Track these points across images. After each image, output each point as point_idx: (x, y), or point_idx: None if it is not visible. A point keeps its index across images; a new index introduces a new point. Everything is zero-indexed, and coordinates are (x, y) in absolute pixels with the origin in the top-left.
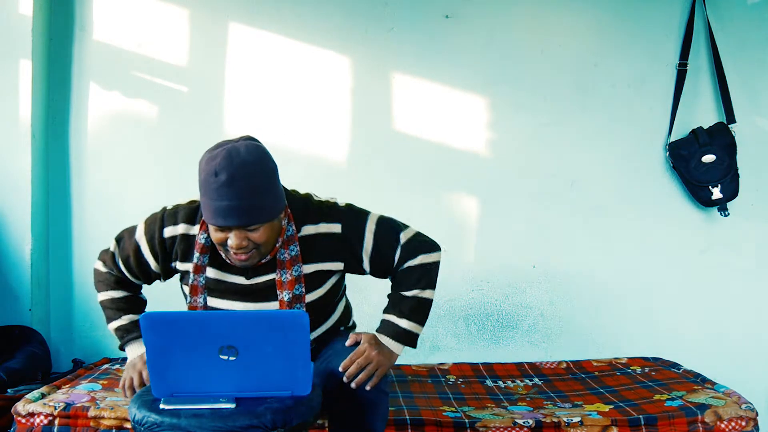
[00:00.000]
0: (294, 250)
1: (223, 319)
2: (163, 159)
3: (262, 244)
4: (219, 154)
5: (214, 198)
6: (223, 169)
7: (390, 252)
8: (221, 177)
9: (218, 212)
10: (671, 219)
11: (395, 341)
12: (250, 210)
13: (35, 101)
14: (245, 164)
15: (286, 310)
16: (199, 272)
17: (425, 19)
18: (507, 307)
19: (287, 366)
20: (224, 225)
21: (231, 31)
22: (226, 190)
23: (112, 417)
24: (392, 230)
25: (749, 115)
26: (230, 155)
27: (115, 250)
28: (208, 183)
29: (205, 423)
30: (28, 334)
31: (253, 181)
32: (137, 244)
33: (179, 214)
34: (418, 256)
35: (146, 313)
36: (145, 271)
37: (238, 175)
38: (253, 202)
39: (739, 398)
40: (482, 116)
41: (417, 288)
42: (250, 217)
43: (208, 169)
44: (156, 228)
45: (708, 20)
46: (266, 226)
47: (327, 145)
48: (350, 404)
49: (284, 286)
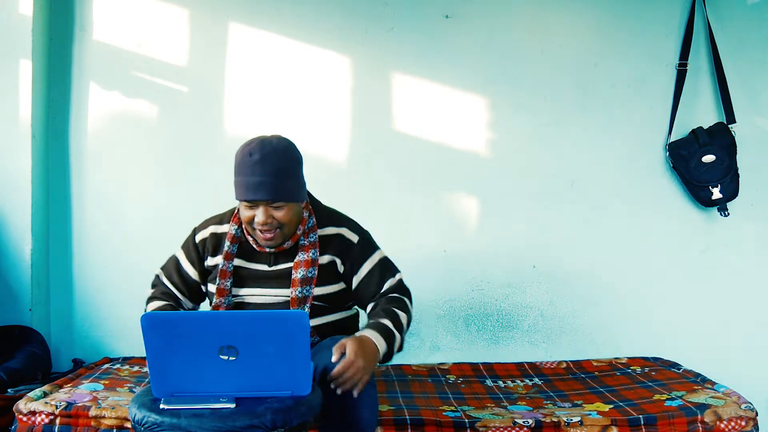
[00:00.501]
0: (313, 237)
1: (224, 319)
2: (163, 159)
3: (286, 224)
4: (254, 141)
5: (247, 174)
6: (257, 151)
7: (380, 281)
8: (255, 156)
9: (249, 186)
10: (671, 219)
11: (382, 338)
12: (277, 187)
13: (35, 101)
14: (276, 149)
15: (287, 311)
16: (229, 259)
17: (425, 19)
18: (507, 307)
19: (287, 366)
20: (254, 199)
21: (231, 31)
22: (259, 167)
23: (113, 417)
24: (389, 269)
25: (749, 115)
26: (263, 141)
27: (160, 273)
28: (244, 162)
29: (205, 423)
30: (28, 334)
31: (281, 163)
32: (176, 258)
33: (208, 222)
34: (406, 295)
35: (146, 313)
36: (187, 282)
37: (269, 156)
38: (280, 181)
39: (738, 398)
40: (482, 116)
41: (402, 311)
42: (276, 193)
43: (243, 152)
44: (190, 239)
45: (708, 20)
46: (288, 207)
47: (327, 145)
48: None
49: (300, 265)
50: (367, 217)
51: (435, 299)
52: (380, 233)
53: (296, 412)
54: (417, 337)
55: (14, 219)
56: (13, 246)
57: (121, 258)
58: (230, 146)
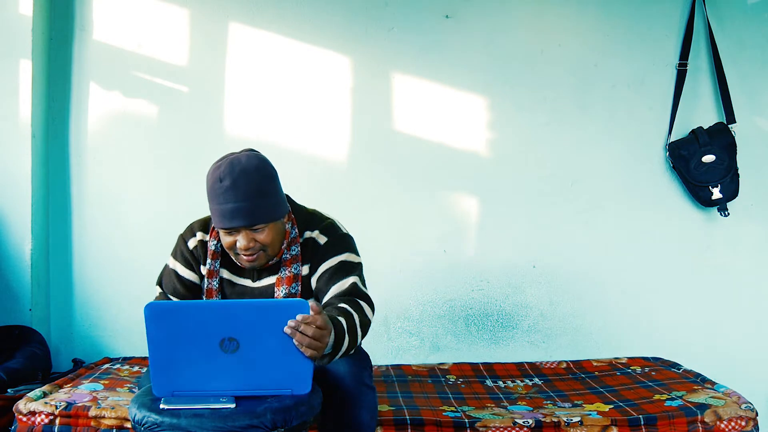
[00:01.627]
0: (295, 250)
1: (226, 307)
2: (163, 159)
3: (269, 245)
4: (223, 164)
5: (220, 202)
6: (227, 175)
7: (329, 280)
8: (225, 182)
9: (225, 214)
10: (671, 219)
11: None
12: (253, 210)
13: (35, 101)
14: (246, 170)
15: (288, 299)
16: (212, 276)
17: (425, 19)
18: (507, 307)
19: (287, 362)
20: (231, 226)
21: (231, 31)
22: (232, 193)
23: (113, 417)
24: (347, 271)
25: (749, 115)
26: (232, 163)
27: (159, 290)
28: (215, 189)
29: (205, 423)
30: (28, 334)
31: (254, 184)
32: (172, 269)
33: (194, 227)
34: (366, 301)
35: (150, 303)
36: (191, 288)
37: (241, 179)
38: (256, 203)
39: (738, 398)
40: (482, 116)
41: (357, 314)
42: (254, 217)
43: (213, 177)
44: (182, 247)
45: (708, 20)
46: (270, 227)
47: (327, 144)
48: (334, 398)
49: (282, 282)
50: (367, 217)
51: (435, 299)
52: (380, 233)
53: (296, 412)
54: (417, 337)
55: (14, 219)
56: (13, 246)
57: (121, 258)
58: (230, 146)
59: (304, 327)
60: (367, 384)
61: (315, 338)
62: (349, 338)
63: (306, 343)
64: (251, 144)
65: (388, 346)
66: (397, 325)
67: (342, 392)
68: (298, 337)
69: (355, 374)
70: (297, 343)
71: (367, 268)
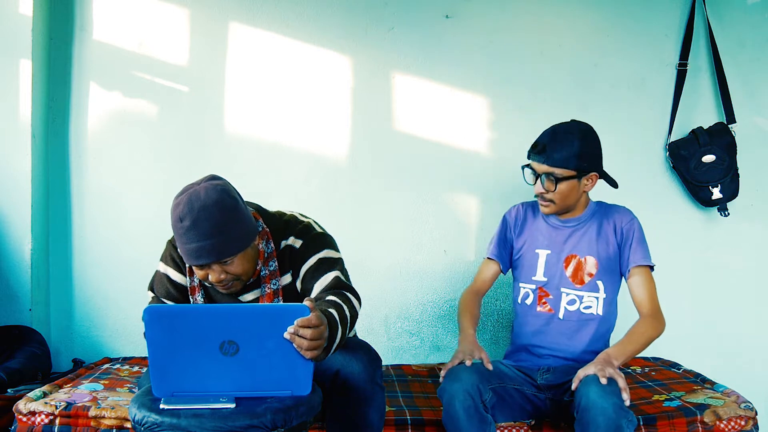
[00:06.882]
0: (272, 265)
1: (226, 312)
2: (164, 159)
3: (242, 274)
4: (182, 201)
5: (184, 241)
6: (186, 215)
7: (313, 276)
8: (186, 222)
9: (191, 253)
10: (671, 219)
11: (341, 321)
12: (218, 246)
13: (35, 101)
14: (206, 206)
15: (288, 304)
16: (194, 293)
17: (425, 19)
18: (507, 307)
19: (287, 364)
20: (198, 264)
21: (231, 31)
22: (194, 233)
23: (113, 417)
24: (330, 266)
25: (749, 115)
26: (191, 200)
27: (151, 296)
28: (177, 229)
29: (205, 423)
30: (28, 334)
31: (214, 220)
32: (164, 273)
33: None
34: (352, 293)
35: (149, 307)
36: (184, 291)
37: (201, 217)
38: (220, 239)
39: (738, 398)
40: (482, 116)
41: (346, 305)
42: (221, 252)
43: (174, 217)
44: (170, 251)
45: (708, 20)
46: (240, 257)
47: (327, 144)
48: (345, 398)
49: (263, 300)
50: (367, 217)
51: (435, 299)
52: (380, 233)
53: (296, 412)
54: (417, 337)
55: (14, 219)
56: (13, 246)
57: (121, 258)
58: (230, 146)
59: (303, 330)
60: (379, 384)
61: (314, 339)
62: (342, 330)
63: (306, 346)
64: (251, 144)
65: (388, 346)
66: (397, 325)
67: (356, 391)
68: (297, 341)
69: (369, 374)
70: (297, 347)
71: (368, 268)
